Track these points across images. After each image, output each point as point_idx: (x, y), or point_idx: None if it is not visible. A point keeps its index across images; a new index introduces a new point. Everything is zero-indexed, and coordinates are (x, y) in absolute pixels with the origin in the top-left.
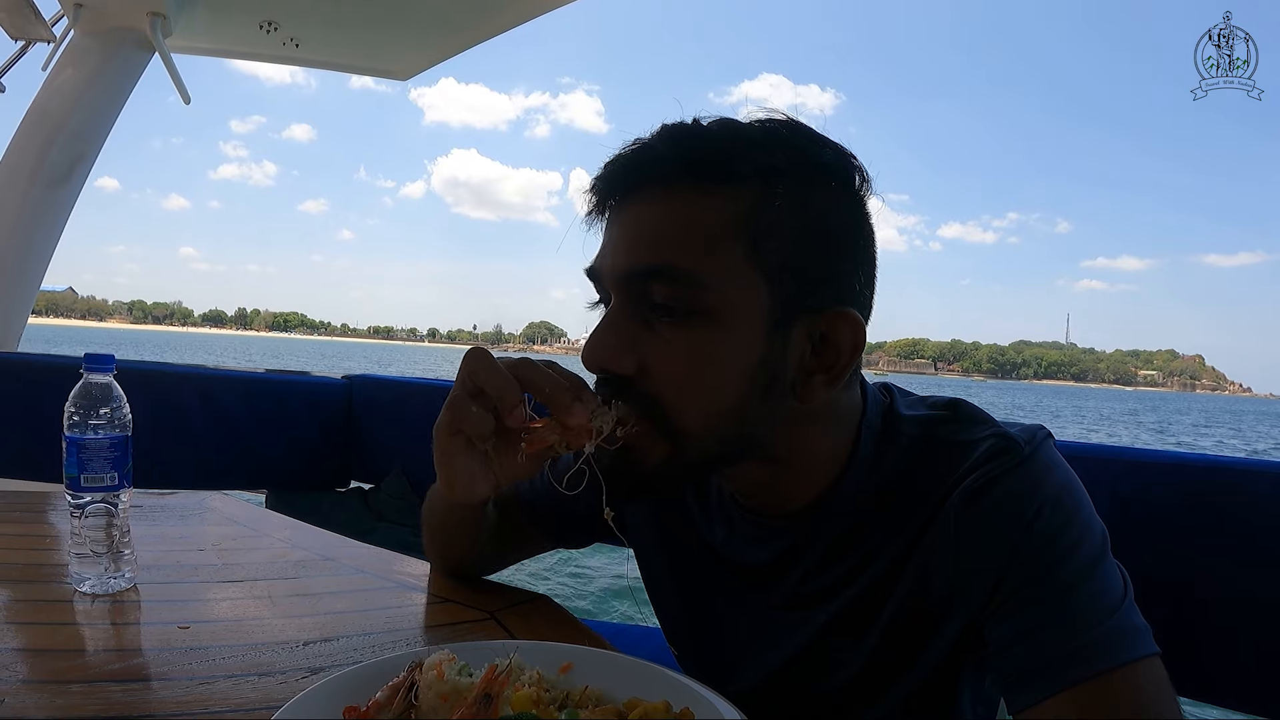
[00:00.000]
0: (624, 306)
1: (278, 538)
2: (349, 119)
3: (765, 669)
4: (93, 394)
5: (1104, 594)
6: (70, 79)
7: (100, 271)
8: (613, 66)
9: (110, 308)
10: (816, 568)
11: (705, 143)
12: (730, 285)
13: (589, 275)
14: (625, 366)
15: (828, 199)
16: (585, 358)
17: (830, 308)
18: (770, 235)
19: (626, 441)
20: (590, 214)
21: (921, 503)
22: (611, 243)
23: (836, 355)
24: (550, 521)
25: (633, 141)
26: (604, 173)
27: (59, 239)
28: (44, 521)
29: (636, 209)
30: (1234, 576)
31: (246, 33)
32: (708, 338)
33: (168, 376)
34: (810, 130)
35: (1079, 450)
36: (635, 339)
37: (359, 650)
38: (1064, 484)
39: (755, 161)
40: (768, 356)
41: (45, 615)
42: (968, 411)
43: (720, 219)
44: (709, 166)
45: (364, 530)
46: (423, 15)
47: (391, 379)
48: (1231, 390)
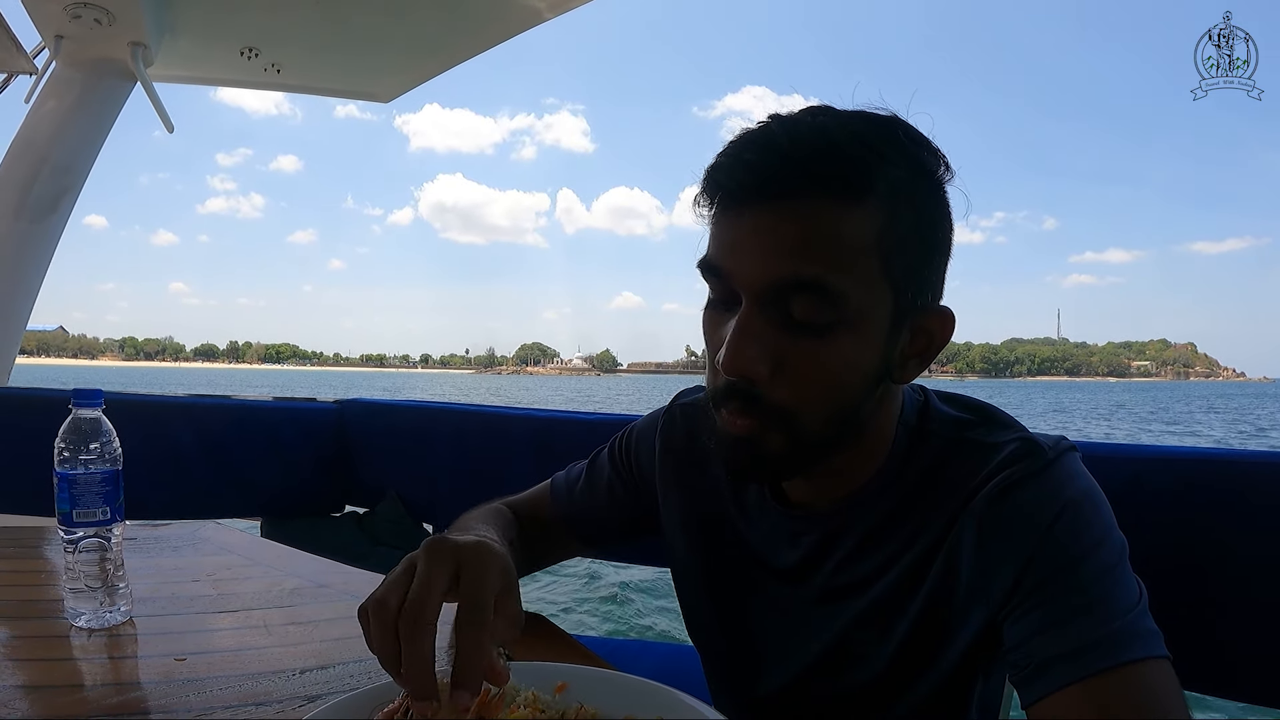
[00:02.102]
0: (759, 313)
1: (272, 566)
2: (335, 148)
3: (795, 666)
4: (82, 429)
5: (1119, 596)
6: (53, 111)
7: (91, 309)
8: (597, 86)
9: (101, 345)
10: (848, 560)
11: (843, 157)
12: (866, 298)
13: (706, 269)
14: (761, 374)
15: (935, 203)
16: (726, 366)
17: (932, 305)
18: (898, 247)
19: (745, 434)
20: (710, 205)
21: (948, 500)
22: (746, 247)
23: (929, 342)
24: (587, 528)
25: (756, 130)
26: (731, 167)
27: (46, 273)
28: (39, 557)
29: (776, 217)
30: (1245, 569)
31: (228, 60)
32: (842, 347)
33: (158, 407)
34: (911, 130)
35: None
36: (772, 347)
37: (355, 677)
38: (1086, 490)
39: (888, 177)
40: (886, 355)
41: (43, 651)
42: (997, 416)
43: (859, 234)
44: (848, 182)
45: (360, 555)
46: (403, 37)
47: (383, 402)
48: (1225, 376)
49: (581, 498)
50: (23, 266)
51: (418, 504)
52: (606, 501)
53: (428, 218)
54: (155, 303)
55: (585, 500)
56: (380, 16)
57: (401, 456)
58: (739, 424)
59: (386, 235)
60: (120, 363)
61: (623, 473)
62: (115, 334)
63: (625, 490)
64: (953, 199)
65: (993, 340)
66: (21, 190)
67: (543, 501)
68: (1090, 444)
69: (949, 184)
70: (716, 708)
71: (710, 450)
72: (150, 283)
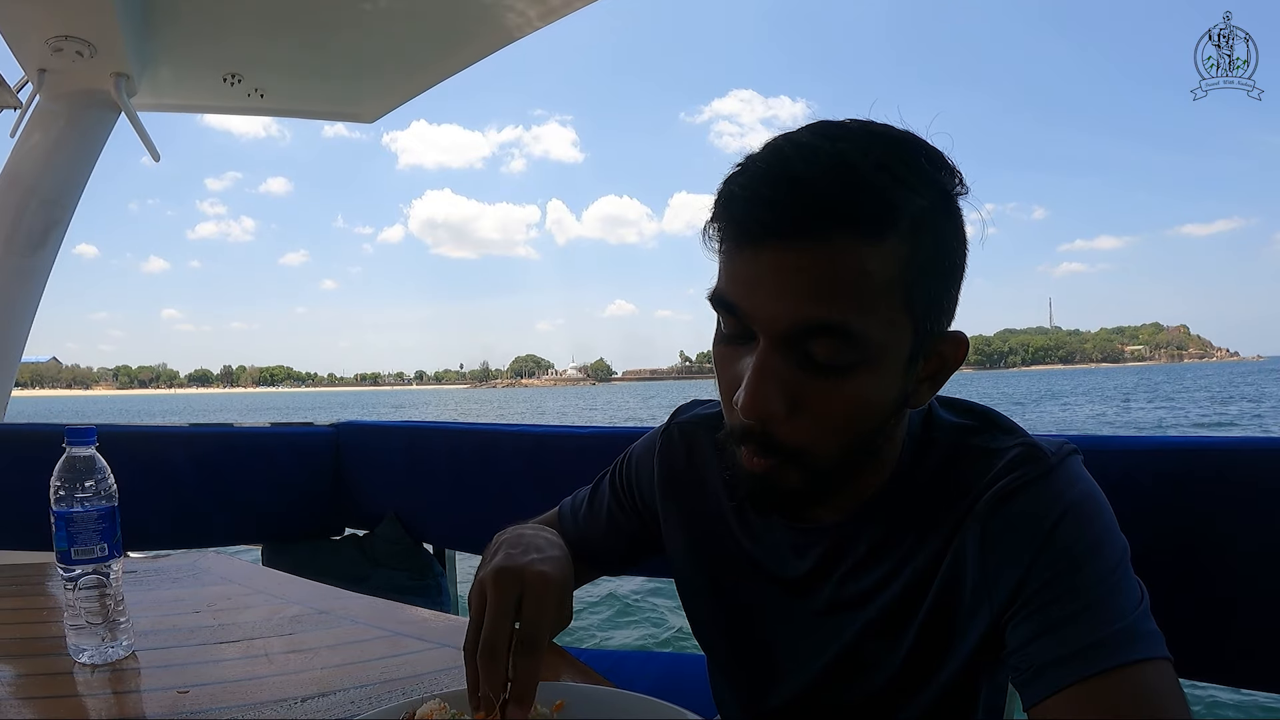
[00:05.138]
0: (778, 354)
1: (272, 594)
2: (324, 169)
3: (805, 677)
4: (76, 467)
5: (1121, 598)
6: (39, 144)
7: (84, 340)
8: (584, 95)
9: (95, 375)
10: (855, 571)
11: (867, 190)
12: (887, 335)
13: (718, 303)
14: (779, 414)
15: (953, 227)
16: (745, 409)
17: (947, 332)
18: (919, 280)
19: (763, 472)
20: (722, 237)
21: (952, 507)
22: (765, 286)
23: (942, 365)
24: (593, 552)
25: (769, 157)
26: (749, 201)
27: (38, 306)
28: (40, 594)
29: (795, 254)
30: (1241, 555)
31: (211, 86)
32: (861, 385)
33: (155, 437)
34: (931, 150)
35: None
36: (791, 387)
37: (356, 703)
38: (1088, 493)
39: (912, 208)
40: (903, 385)
41: (47, 689)
42: (999, 421)
43: (883, 272)
44: (873, 218)
45: (361, 577)
46: (384, 57)
47: (378, 424)
48: (1219, 356)
49: (585, 524)
50: (14, 301)
51: (416, 524)
52: (609, 529)
53: (418, 234)
54: (148, 330)
55: (589, 527)
56: (361, 38)
57: (398, 477)
58: (757, 463)
59: (378, 254)
60: (114, 391)
61: (623, 499)
62: (109, 363)
63: (626, 516)
64: (964, 210)
65: (985, 332)
66: (10, 225)
67: (553, 527)
68: (1087, 436)
69: (963, 199)
70: (726, 718)
71: (714, 474)
72: (142, 310)
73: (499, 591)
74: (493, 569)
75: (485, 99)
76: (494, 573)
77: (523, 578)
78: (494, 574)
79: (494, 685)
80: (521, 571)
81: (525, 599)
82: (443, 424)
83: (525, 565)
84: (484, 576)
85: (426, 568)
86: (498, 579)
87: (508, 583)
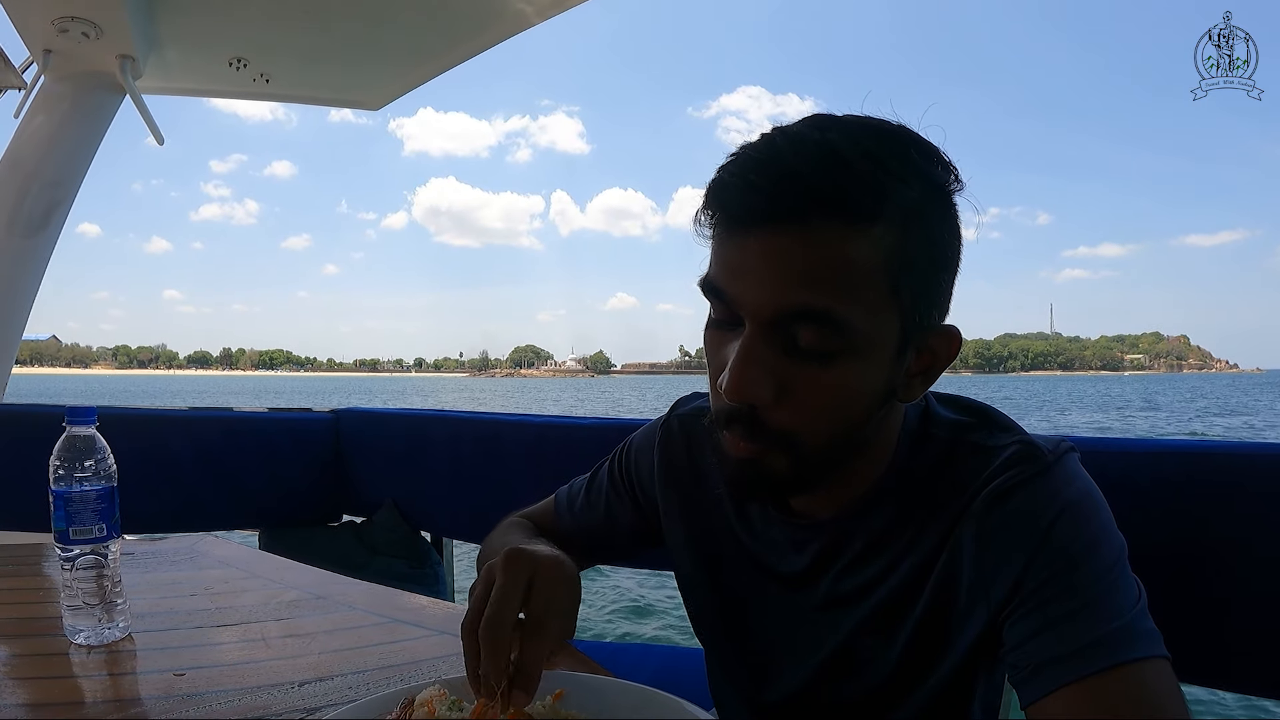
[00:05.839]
0: (763, 339)
1: (270, 578)
2: (329, 153)
3: (802, 672)
4: (76, 447)
5: (1118, 596)
6: (43, 125)
7: (84, 318)
8: (592, 87)
9: (95, 354)
10: (852, 566)
11: (854, 178)
12: (872, 323)
13: (709, 290)
14: (764, 399)
15: (945, 220)
16: (729, 392)
17: (939, 326)
18: (908, 269)
19: (748, 456)
20: (712, 223)
21: (949, 504)
22: (751, 272)
23: (934, 360)
24: (590, 543)
25: (760, 146)
26: (737, 188)
27: (39, 287)
28: (37, 574)
29: (784, 242)
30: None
31: (216, 71)
32: (846, 373)
33: (154, 420)
34: (923, 143)
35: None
36: (776, 372)
37: (353, 688)
38: (1085, 492)
39: (900, 197)
40: (891, 377)
41: (43, 669)
42: (996, 418)
43: (869, 259)
44: (859, 205)
45: (359, 564)
46: (391, 45)
47: (379, 411)
48: (1218, 367)
49: (583, 514)
50: (15, 281)
51: (414, 512)
52: (607, 519)
53: (422, 222)
54: (149, 310)
55: (586, 517)
56: (368, 25)
57: (397, 465)
58: (742, 447)
59: (380, 240)
60: (113, 371)
61: (622, 490)
62: (109, 342)
63: (625, 507)
64: (961, 208)
65: (986, 336)
66: (12, 205)
67: (549, 516)
68: (1087, 438)
69: (959, 195)
70: (723, 713)
71: (713, 467)
72: (144, 291)
73: (510, 572)
74: (505, 552)
75: (493, 88)
76: (507, 554)
77: (536, 561)
78: (506, 555)
79: (496, 665)
80: (535, 555)
81: (536, 583)
82: (443, 412)
83: (538, 551)
84: (495, 560)
85: (424, 556)
86: (510, 560)
87: (521, 565)
